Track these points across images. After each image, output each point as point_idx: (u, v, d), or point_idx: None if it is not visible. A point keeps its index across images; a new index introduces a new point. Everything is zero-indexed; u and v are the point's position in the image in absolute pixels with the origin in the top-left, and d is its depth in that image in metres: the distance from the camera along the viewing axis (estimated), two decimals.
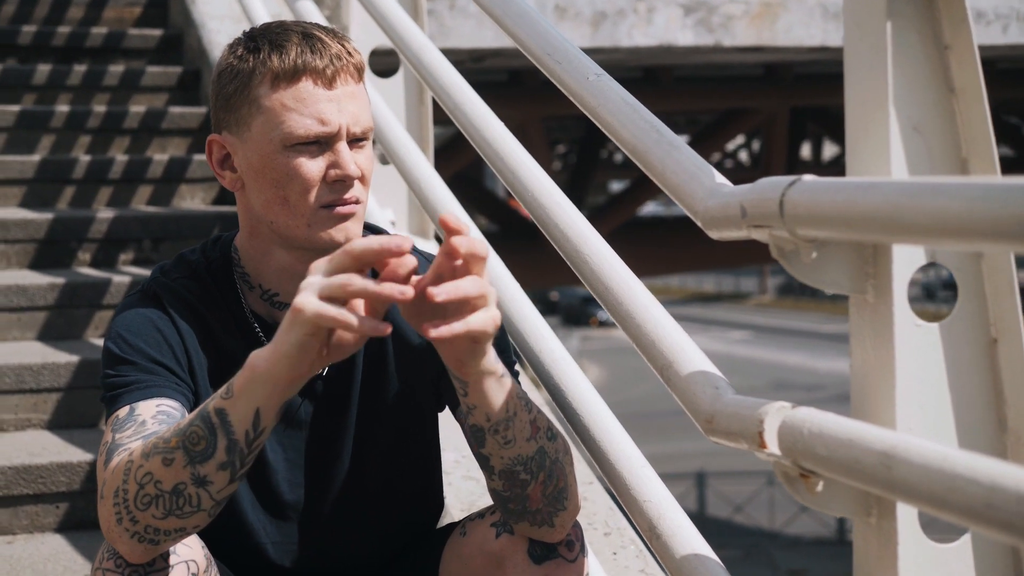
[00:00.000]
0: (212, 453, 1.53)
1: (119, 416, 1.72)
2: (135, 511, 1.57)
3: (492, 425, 1.64)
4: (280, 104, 1.76)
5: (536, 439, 1.69)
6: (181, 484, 1.55)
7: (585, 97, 1.95)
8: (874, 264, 1.45)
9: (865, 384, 1.49)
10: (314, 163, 1.77)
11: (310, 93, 1.77)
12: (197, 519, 1.58)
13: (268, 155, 1.77)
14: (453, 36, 7.20)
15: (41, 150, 4.68)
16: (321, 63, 1.77)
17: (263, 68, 1.78)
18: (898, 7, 1.44)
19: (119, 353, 1.78)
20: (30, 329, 3.57)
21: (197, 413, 1.55)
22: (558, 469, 1.73)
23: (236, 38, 1.87)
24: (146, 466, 1.56)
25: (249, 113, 1.79)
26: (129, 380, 1.76)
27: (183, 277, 1.88)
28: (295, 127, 1.76)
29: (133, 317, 1.82)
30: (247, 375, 1.50)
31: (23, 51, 5.41)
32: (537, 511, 1.74)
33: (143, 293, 1.86)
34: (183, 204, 4.46)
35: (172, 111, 4.84)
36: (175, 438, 1.55)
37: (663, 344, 1.75)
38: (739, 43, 8.17)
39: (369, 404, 1.90)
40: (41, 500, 2.88)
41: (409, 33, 2.80)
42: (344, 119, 1.78)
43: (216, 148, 1.85)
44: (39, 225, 3.95)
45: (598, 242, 1.98)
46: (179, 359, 1.81)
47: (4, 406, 3.19)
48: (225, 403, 1.53)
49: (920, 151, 1.46)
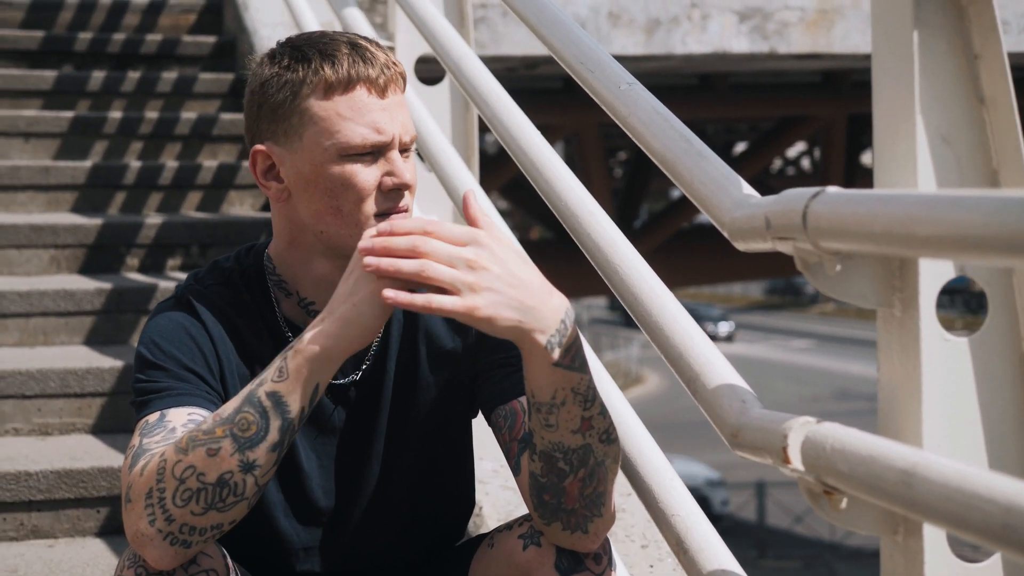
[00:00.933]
0: (264, 436, 1.58)
1: (148, 421, 1.73)
2: (172, 509, 1.58)
3: (535, 403, 1.65)
4: (335, 113, 1.76)
5: (585, 435, 1.68)
6: (227, 473, 1.57)
7: (616, 106, 1.94)
8: (901, 277, 1.42)
9: (892, 399, 1.46)
10: (369, 172, 1.77)
11: (365, 102, 1.77)
12: (236, 511, 1.60)
13: (321, 165, 1.77)
14: (506, 43, 7.20)
15: (94, 156, 4.74)
16: (374, 72, 1.77)
17: (315, 78, 1.77)
18: (926, 16, 1.41)
19: (151, 358, 1.79)
20: (77, 334, 3.61)
21: (243, 399, 1.60)
22: (601, 472, 1.71)
23: (272, 48, 1.85)
24: (186, 460, 1.58)
25: (300, 123, 1.78)
26: (160, 386, 1.76)
27: (216, 284, 1.88)
28: (351, 136, 1.76)
29: (166, 323, 1.83)
30: (306, 356, 1.59)
31: (79, 57, 5.48)
32: (573, 511, 1.72)
33: (176, 299, 1.87)
34: (232, 210, 4.49)
35: (223, 117, 4.88)
36: (220, 427, 1.58)
37: (691, 356, 1.73)
38: (794, 50, 8.11)
39: (401, 409, 1.90)
40: (82, 504, 2.91)
41: (450, 41, 2.80)
42: (396, 128, 1.78)
43: (261, 159, 1.83)
44: (89, 230, 3.99)
45: (629, 252, 1.96)
46: (210, 366, 1.81)
47: (49, 410, 3.22)
48: (279, 385, 1.59)
49: (949, 162, 1.43)
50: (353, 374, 1.88)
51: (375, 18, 6.11)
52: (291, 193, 1.81)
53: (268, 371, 1.61)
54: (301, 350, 1.59)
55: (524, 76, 8.94)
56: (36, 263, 3.96)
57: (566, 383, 1.64)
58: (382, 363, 1.89)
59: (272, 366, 1.62)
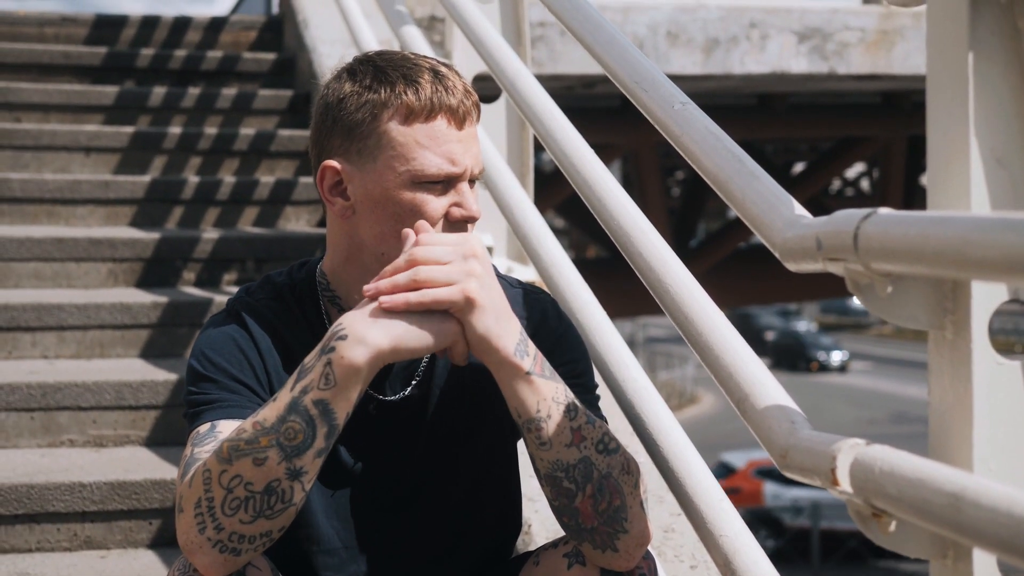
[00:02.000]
0: (311, 443, 1.60)
1: (200, 431, 1.74)
2: (221, 518, 1.59)
3: (523, 422, 1.70)
4: (414, 140, 1.77)
5: (580, 448, 1.70)
6: (275, 481, 1.59)
7: (670, 125, 1.93)
8: (953, 299, 1.41)
9: (943, 422, 1.45)
10: (438, 201, 1.78)
11: (443, 132, 1.78)
12: (284, 518, 1.62)
13: (392, 189, 1.78)
14: (563, 62, 7.21)
15: (153, 171, 4.79)
16: (454, 102, 1.79)
17: (397, 102, 1.78)
18: (981, 37, 1.40)
19: (202, 371, 1.81)
20: (133, 347, 3.64)
21: (287, 407, 1.61)
22: (610, 485, 1.72)
23: (349, 64, 1.85)
24: (232, 469, 1.59)
25: (377, 145, 1.79)
26: (211, 398, 1.78)
27: (267, 297, 1.90)
28: (427, 165, 1.77)
29: (216, 335, 1.85)
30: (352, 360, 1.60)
31: (141, 73, 5.54)
32: (594, 530, 1.73)
33: (227, 312, 1.89)
34: (288, 226, 4.52)
35: (281, 134, 4.92)
36: (264, 437, 1.59)
37: (740, 376, 1.72)
38: (854, 71, 8.06)
39: (447, 427, 1.91)
40: (135, 516, 2.93)
41: (505, 59, 2.81)
42: (469, 161, 1.80)
43: (329, 174, 1.83)
44: (146, 244, 4.03)
45: (680, 272, 1.96)
46: (259, 377, 1.83)
47: (104, 422, 3.25)
48: (325, 393, 1.60)
49: (1004, 184, 1.42)
50: (402, 391, 1.89)
51: (434, 36, 6.13)
52: (355, 211, 1.82)
53: (310, 376, 1.61)
54: (347, 354, 1.60)
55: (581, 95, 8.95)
56: (94, 276, 4.00)
57: (545, 393, 1.68)
58: (429, 381, 1.90)
59: (314, 371, 1.61)
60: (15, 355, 3.59)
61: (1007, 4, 1.41)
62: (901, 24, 8.15)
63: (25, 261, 3.96)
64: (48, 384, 3.25)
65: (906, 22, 8.17)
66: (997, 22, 1.41)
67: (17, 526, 2.90)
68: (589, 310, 2.26)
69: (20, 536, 2.90)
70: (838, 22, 7.96)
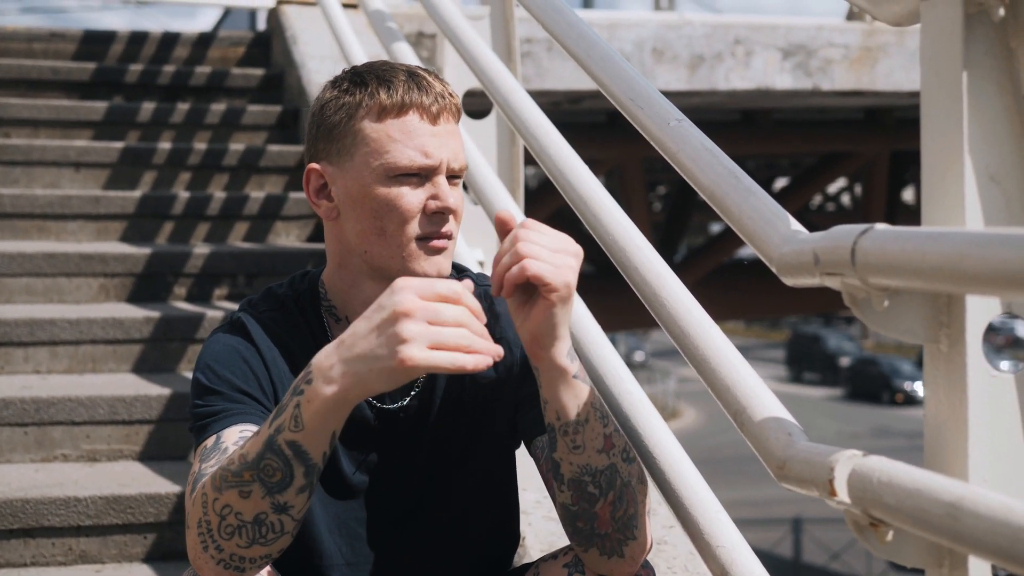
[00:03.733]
0: (290, 481, 1.58)
1: (206, 446, 1.76)
2: (219, 540, 1.61)
3: (562, 425, 1.70)
4: (386, 135, 1.81)
5: (609, 455, 1.73)
6: (262, 514, 1.59)
7: (666, 142, 1.95)
8: (948, 313, 1.44)
9: (938, 434, 1.47)
10: (414, 194, 1.81)
11: (416, 126, 1.81)
12: (281, 543, 1.62)
13: (369, 184, 1.81)
14: (551, 78, 7.24)
15: (143, 186, 4.80)
16: (427, 100, 1.82)
17: (370, 101, 1.82)
18: (975, 57, 1.43)
19: (207, 383, 1.82)
20: (125, 361, 3.65)
21: (264, 445, 1.57)
22: (629, 493, 1.75)
23: (338, 75, 1.91)
24: (222, 499, 1.60)
25: (353, 143, 1.83)
26: (216, 409, 1.80)
27: (270, 309, 1.92)
28: (399, 157, 1.80)
29: (221, 348, 1.86)
30: (319, 405, 1.53)
31: (129, 89, 5.55)
32: (606, 535, 1.75)
33: (231, 324, 1.91)
34: (278, 241, 4.54)
35: (270, 149, 4.93)
36: (247, 472, 1.58)
37: (737, 389, 1.75)
38: (838, 87, 8.11)
39: (446, 437, 1.93)
40: (129, 530, 2.94)
41: (499, 76, 2.83)
42: (445, 154, 1.82)
43: (314, 177, 1.88)
44: (137, 259, 4.04)
45: (676, 286, 1.98)
46: (264, 389, 1.84)
47: (98, 436, 3.26)
48: (297, 435, 1.55)
49: (997, 201, 1.45)
50: (401, 400, 1.90)
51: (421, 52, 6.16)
52: (340, 212, 1.86)
53: (283, 416, 1.56)
54: (313, 399, 1.53)
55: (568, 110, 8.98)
56: (86, 291, 4.01)
57: (586, 397, 1.71)
58: (430, 391, 1.92)
59: (286, 410, 1.56)
60: (8, 370, 3.60)
61: (1000, 24, 1.44)
62: (884, 41, 8.20)
63: (16, 276, 3.96)
64: (41, 399, 3.25)
65: (889, 39, 8.22)
66: (990, 41, 1.44)
67: (12, 541, 2.90)
68: (584, 324, 2.28)
69: (15, 551, 2.91)
70: (822, 39, 8.01)
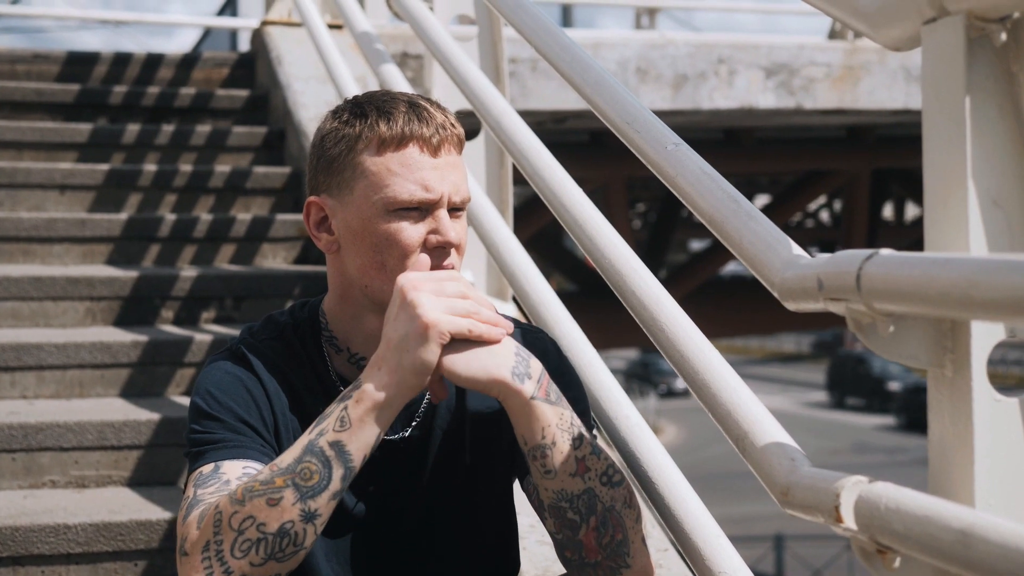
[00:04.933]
0: (326, 485, 1.61)
1: (203, 472, 1.74)
2: (230, 561, 1.59)
3: (529, 450, 1.70)
4: (386, 168, 1.79)
5: (584, 478, 1.72)
6: (288, 523, 1.59)
7: (663, 167, 1.95)
8: (952, 338, 1.43)
9: (943, 459, 1.47)
10: (415, 229, 1.79)
11: (416, 160, 1.79)
12: (294, 561, 1.62)
13: (369, 219, 1.80)
14: (535, 97, 7.24)
15: (128, 208, 4.78)
16: (428, 131, 1.80)
17: (370, 133, 1.81)
18: (978, 81, 1.43)
19: (207, 409, 1.81)
20: (113, 386, 3.63)
21: (303, 449, 1.62)
22: (614, 518, 1.73)
23: (340, 105, 1.90)
24: (244, 511, 1.59)
25: (353, 176, 1.81)
26: (216, 438, 1.78)
27: (270, 338, 1.90)
28: (399, 192, 1.78)
29: (222, 375, 1.85)
30: (369, 405, 1.63)
31: (114, 111, 5.54)
32: (598, 564, 1.74)
33: (231, 352, 1.89)
34: (265, 263, 4.52)
35: (256, 171, 4.92)
36: (280, 477, 1.60)
37: (739, 414, 1.74)
38: (820, 106, 8.14)
39: (447, 466, 1.91)
40: (120, 557, 2.91)
41: (490, 98, 2.82)
42: (446, 188, 1.81)
43: (314, 210, 1.88)
44: (124, 283, 4.02)
45: (674, 309, 1.97)
46: (265, 419, 1.83)
47: (86, 462, 3.23)
48: (342, 435, 1.62)
49: (1000, 225, 1.45)
50: (402, 431, 1.89)
51: (406, 72, 6.15)
52: (340, 246, 1.85)
53: (327, 420, 1.64)
54: (362, 399, 1.63)
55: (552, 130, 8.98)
56: (72, 315, 3.98)
57: (550, 419, 1.69)
58: (431, 421, 1.90)
59: (331, 415, 1.64)
60: None
61: (1001, 48, 1.44)
62: (866, 60, 8.23)
63: (2, 300, 3.94)
64: (29, 424, 3.22)
65: (871, 57, 8.26)
66: (991, 66, 1.44)
67: (1, 569, 2.87)
68: (579, 347, 2.27)
69: None
70: (805, 58, 8.03)
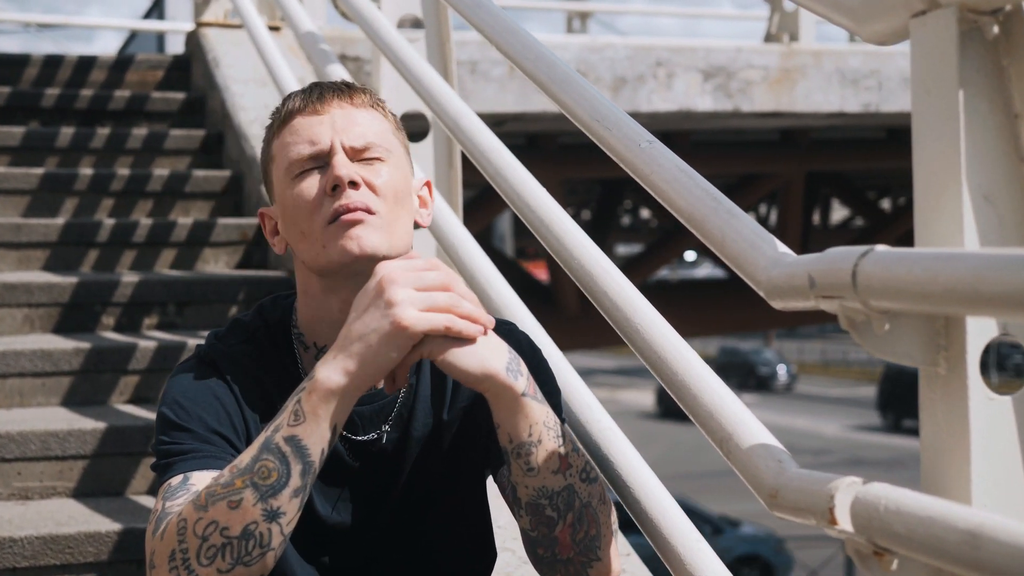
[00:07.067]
0: (286, 482, 1.55)
1: (171, 484, 1.69)
2: (197, 568, 1.54)
3: (514, 447, 1.67)
4: (280, 144, 1.81)
5: (566, 475, 1.69)
6: (252, 524, 1.54)
7: (637, 164, 1.91)
8: (946, 336, 1.41)
9: (937, 459, 1.45)
10: (312, 181, 1.78)
11: (301, 123, 1.80)
12: (262, 566, 1.56)
13: (283, 195, 1.81)
14: (474, 100, 7.20)
15: (64, 213, 4.68)
16: (312, 97, 1.81)
17: (271, 129, 1.85)
18: (969, 76, 1.41)
19: (176, 420, 1.75)
20: (55, 394, 3.54)
21: (260, 447, 1.56)
22: (589, 514, 1.72)
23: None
24: (206, 516, 1.54)
25: (270, 170, 1.84)
26: (185, 448, 1.73)
27: (239, 342, 1.86)
28: (291, 153, 1.79)
29: (189, 383, 1.80)
30: (322, 395, 1.56)
31: (46, 113, 5.43)
32: (569, 560, 1.73)
33: (199, 359, 1.84)
34: (207, 268, 4.44)
35: (196, 174, 4.84)
36: (239, 478, 1.55)
37: (721, 416, 1.71)
38: (757, 108, 8.18)
39: (422, 464, 1.88)
40: (68, 571, 2.83)
41: (445, 96, 2.78)
42: (337, 135, 1.79)
43: (266, 221, 1.90)
44: (63, 289, 3.93)
45: (649, 311, 1.94)
46: (236, 427, 1.78)
47: (30, 474, 3.15)
48: (296, 429, 1.56)
49: (991, 221, 1.43)
50: (375, 431, 1.85)
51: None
52: (287, 242, 1.85)
53: (282, 415, 1.58)
54: (315, 390, 1.56)
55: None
56: (9, 323, 3.88)
57: (537, 417, 1.67)
58: (407, 420, 1.87)
59: (286, 409, 1.58)
60: None
61: (992, 42, 1.42)
62: (803, 63, 8.28)
63: None
64: None
65: (807, 60, 8.31)
66: (982, 59, 1.42)
67: None
68: (547, 351, 2.23)
69: None
70: (742, 60, 8.07)
